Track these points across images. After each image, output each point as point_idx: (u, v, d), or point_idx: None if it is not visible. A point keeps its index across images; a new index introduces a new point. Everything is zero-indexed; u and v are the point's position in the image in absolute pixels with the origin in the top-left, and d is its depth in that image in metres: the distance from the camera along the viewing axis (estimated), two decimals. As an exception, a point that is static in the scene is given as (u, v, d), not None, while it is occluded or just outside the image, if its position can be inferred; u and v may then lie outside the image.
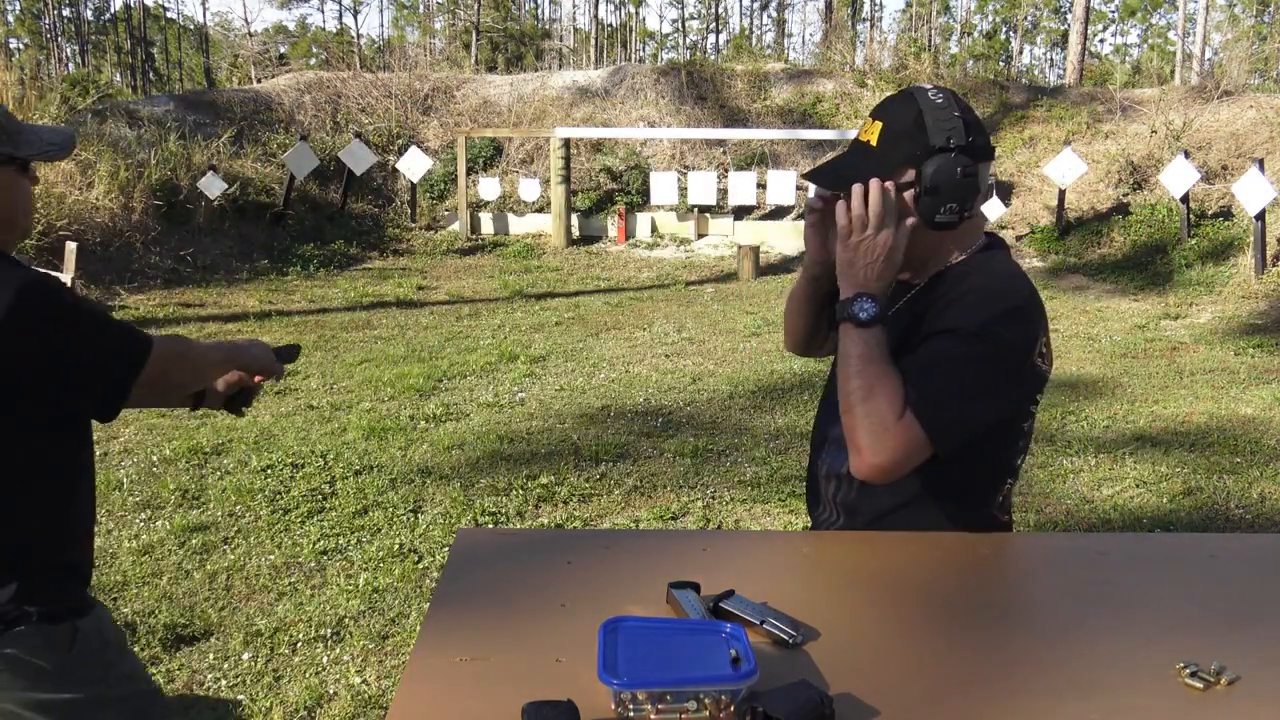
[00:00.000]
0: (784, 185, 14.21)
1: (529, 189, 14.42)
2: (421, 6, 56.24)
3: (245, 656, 3.38)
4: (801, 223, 15.00)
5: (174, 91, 27.61)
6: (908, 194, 1.60)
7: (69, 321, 1.58)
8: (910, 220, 1.59)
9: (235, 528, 4.45)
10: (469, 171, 14.55)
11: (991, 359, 1.55)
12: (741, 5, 75.07)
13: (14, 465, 1.60)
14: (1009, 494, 1.74)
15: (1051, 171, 12.82)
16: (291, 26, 61.97)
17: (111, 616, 1.83)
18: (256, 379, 1.98)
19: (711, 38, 61.60)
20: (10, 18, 47.45)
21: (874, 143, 1.62)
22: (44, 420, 1.62)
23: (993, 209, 12.51)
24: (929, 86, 1.65)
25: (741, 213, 14.68)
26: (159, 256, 11.48)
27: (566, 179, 13.87)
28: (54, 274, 1.66)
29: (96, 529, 4.47)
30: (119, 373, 1.62)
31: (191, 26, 59.40)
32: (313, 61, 42.97)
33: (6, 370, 1.53)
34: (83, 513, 1.76)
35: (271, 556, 4.15)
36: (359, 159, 13.90)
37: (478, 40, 43.14)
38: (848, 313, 1.57)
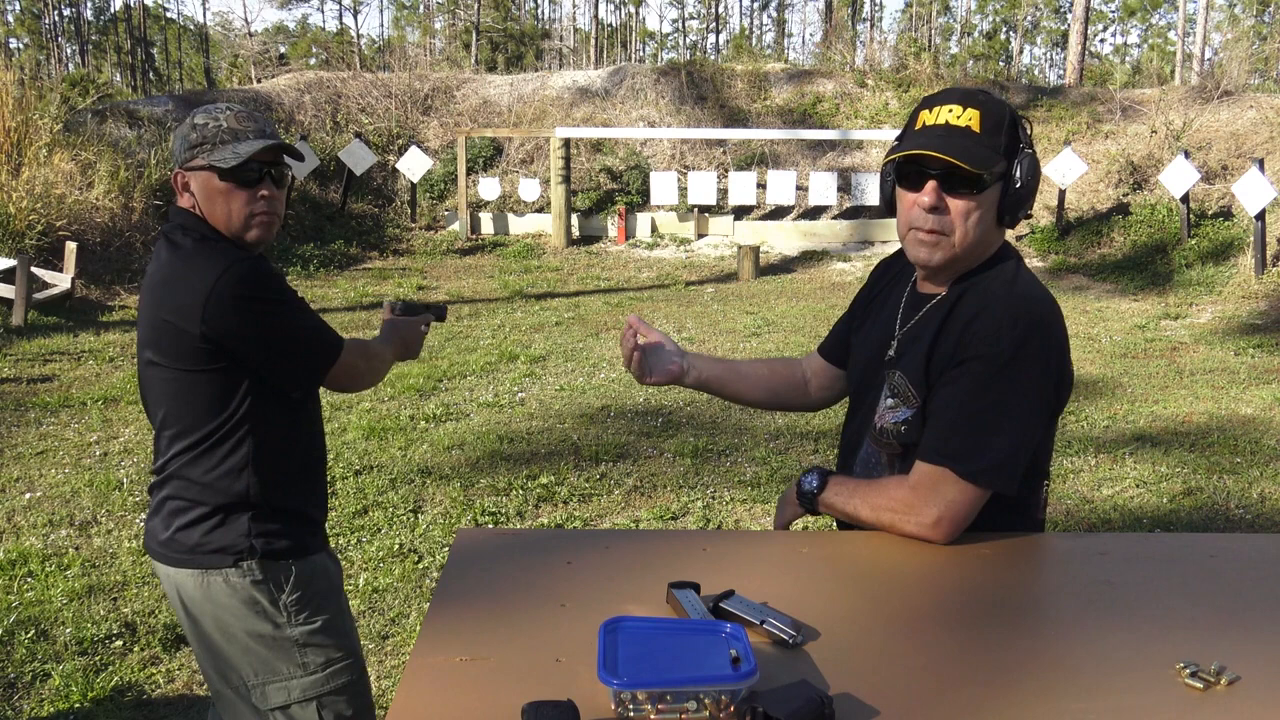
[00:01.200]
0: (784, 185, 14.20)
1: (529, 189, 14.42)
2: (421, 6, 56.24)
3: (245, 656, 3.38)
4: (802, 222, 14.95)
5: (174, 91, 27.61)
6: (998, 187, 1.59)
7: (275, 305, 1.89)
8: None
9: (235, 528, 4.45)
10: (469, 171, 14.55)
11: (1029, 380, 1.56)
12: (741, 5, 75.04)
13: (235, 419, 1.90)
14: (1046, 492, 1.76)
15: (1052, 171, 12.82)
16: (291, 26, 61.99)
17: (337, 574, 2.08)
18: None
19: (711, 38, 61.60)
20: (10, 18, 47.44)
21: (976, 129, 1.57)
22: (253, 382, 1.91)
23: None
24: (991, 93, 1.66)
25: (741, 213, 14.68)
26: (159, 256, 11.47)
27: (566, 179, 13.87)
28: (266, 261, 1.97)
29: (97, 528, 4.48)
30: (312, 363, 1.97)
31: (191, 26, 59.39)
32: (313, 61, 42.94)
33: (218, 337, 1.83)
34: (305, 465, 2.05)
35: (271, 556, 4.15)
36: (359, 159, 13.90)
37: (478, 40, 43.13)
38: (805, 499, 1.72)
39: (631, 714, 1.11)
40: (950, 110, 1.59)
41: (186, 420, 1.91)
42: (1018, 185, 1.58)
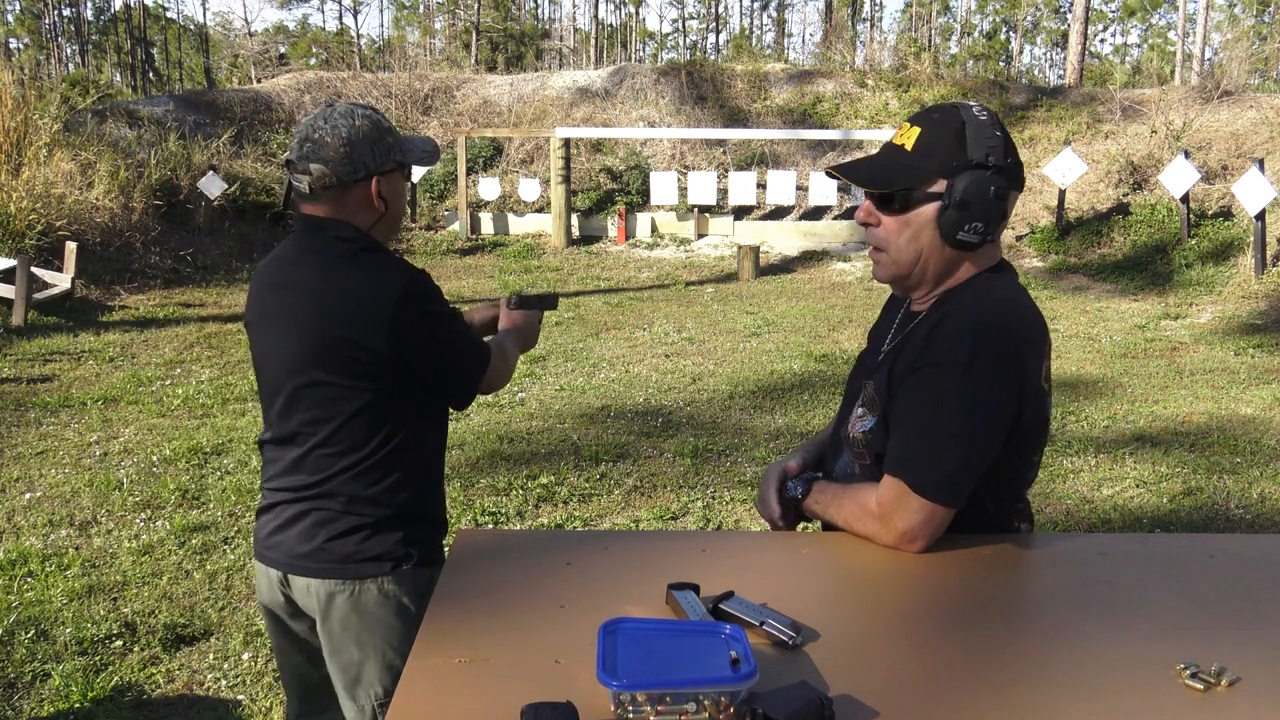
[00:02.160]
0: (784, 185, 14.20)
1: (529, 189, 14.42)
2: (421, 6, 56.24)
3: (245, 656, 3.38)
4: (802, 222, 14.96)
5: (174, 91, 27.62)
6: (932, 206, 1.56)
7: (446, 318, 1.91)
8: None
9: (235, 528, 4.45)
10: (469, 171, 14.55)
11: (984, 391, 1.52)
12: (741, 5, 75.02)
13: (400, 435, 1.89)
14: (1024, 513, 1.71)
15: (1051, 172, 12.82)
16: (291, 26, 61.97)
17: None
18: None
19: (711, 37, 61.59)
20: (10, 18, 47.44)
21: (909, 147, 1.57)
22: (416, 398, 1.91)
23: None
24: (974, 104, 1.60)
25: (741, 213, 14.68)
26: (159, 256, 11.48)
27: (566, 179, 13.87)
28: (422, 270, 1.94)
29: (97, 528, 4.49)
30: (474, 373, 1.96)
31: (191, 26, 59.39)
32: (313, 61, 42.94)
33: (402, 351, 1.82)
34: (443, 474, 2.06)
35: (271, 557, 4.15)
36: (359, 159, 13.89)
37: (478, 40, 43.13)
38: (790, 505, 1.74)
39: (631, 715, 1.11)
40: (901, 129, 1.62)
41: (357, 437, 1.86)
42: (953, 202, 1.54)
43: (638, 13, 62.41)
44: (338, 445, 1.86)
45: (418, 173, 14.01)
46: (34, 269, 9.01)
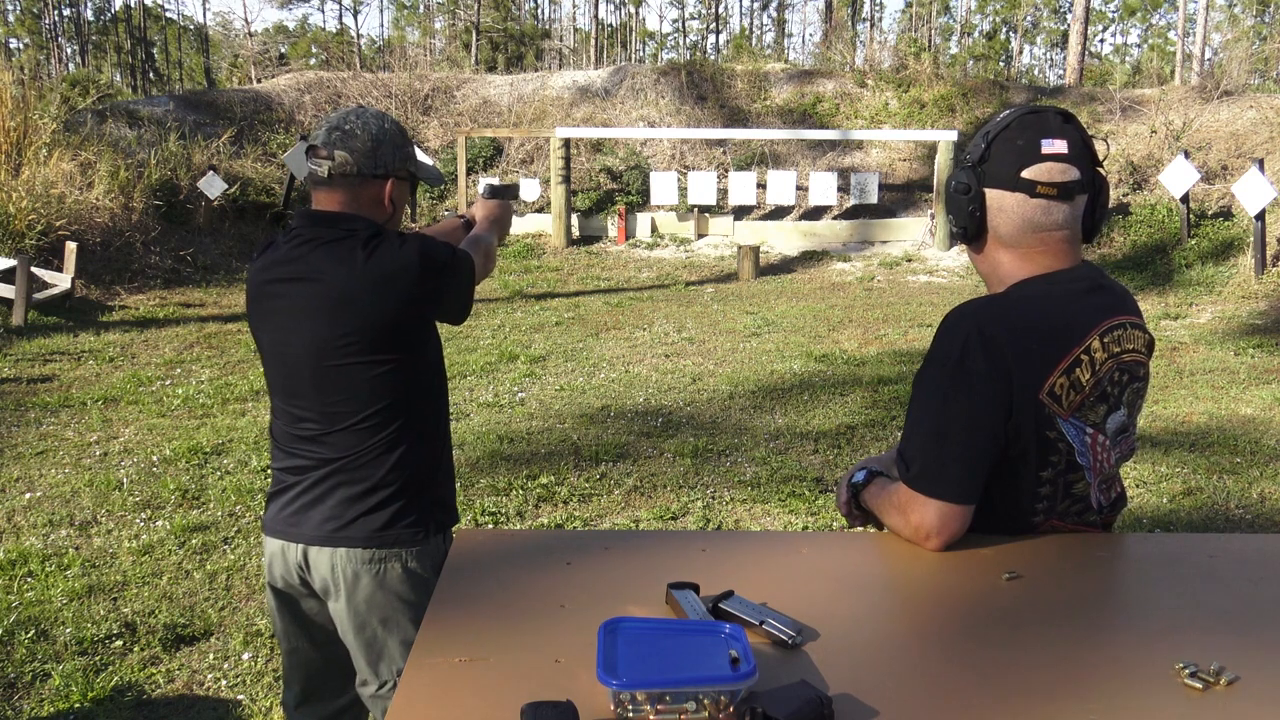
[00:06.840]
0: (784, 185, 14.20)
1: (529, 189, 14.41)
2: (421, 6, 56.21)
3: (245, 656, 3.38)
4: (802, 222, 14.95)
5: (174, 91, 27.60)
6: None
7: (450, 271, 1.97)
8: None
9: (235, 528, 4.45)
10: (469, 171, 14.54)
11: (954, 386, 1.51)
12: (741, 5, 75.01)
13: (422, 403, 1.98)
14: (1045, 515, 1.62)
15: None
16: (291, 26, 61.92)
17: None
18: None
19: (711, 38, 61.56)
20: (10, 18, 47.44)
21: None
22: (429, 364, 2.00)
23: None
24: (1021, 108, 1.57)
25: (741, 213, 14.68)
26: (159, 256, 11.48)
27: (566, 179, 13.87)
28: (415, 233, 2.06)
29: (97, 528, 4.48)
30: (470, 292, 2.03)
31: (191, 26, 59.35)
32: (313, 61, 42.94)
33: (430, 295, 1.92)
34: (448, 451, 2.12)
35: (271, 556, 4.15)
36: (359, 159, 13.88)
37: (478, 40, 43.11)
38: (853, 491, 1.76)
39: (631, 714, 1.11)
40: None
41: (383, 410, 1.92)
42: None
43: (638, 13, 62.40)
44: (366, 421, 1.91)
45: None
46: (34, 269, 9.01)
